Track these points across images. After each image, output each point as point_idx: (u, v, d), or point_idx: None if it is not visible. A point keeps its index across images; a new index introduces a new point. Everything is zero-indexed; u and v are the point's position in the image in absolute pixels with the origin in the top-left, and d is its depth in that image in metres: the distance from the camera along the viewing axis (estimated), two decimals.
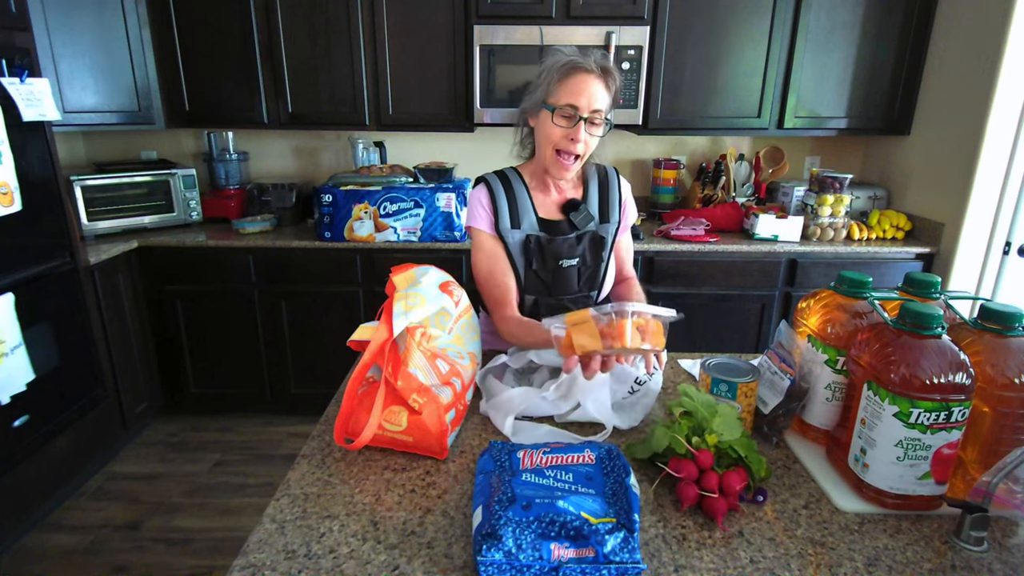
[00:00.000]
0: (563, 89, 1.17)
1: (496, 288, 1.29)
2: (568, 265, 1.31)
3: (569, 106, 1.17)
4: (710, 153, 3.09)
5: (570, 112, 1.18)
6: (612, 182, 1.37)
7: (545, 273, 1.30)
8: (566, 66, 1.17)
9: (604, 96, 1.19)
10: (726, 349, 2.55)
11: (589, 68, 1.17)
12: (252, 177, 3.10)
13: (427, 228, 2.55)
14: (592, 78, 1.17)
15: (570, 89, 1.17)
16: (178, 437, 2.73)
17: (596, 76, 1.17)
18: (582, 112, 1.17)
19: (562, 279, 1.32)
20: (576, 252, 1.31)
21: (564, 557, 0.70)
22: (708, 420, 0.93)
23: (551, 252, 1.29)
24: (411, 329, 1.00)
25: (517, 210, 1.29)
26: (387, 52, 2.60)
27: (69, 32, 2.37)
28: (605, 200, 1.36)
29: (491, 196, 1.30)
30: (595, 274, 1.35)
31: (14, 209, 1.90)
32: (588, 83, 1.16)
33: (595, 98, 1.17)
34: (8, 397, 1.92)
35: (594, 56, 1.18)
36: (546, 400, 1.08)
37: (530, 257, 1.29)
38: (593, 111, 1.18)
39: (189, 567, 1.96)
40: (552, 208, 1.34)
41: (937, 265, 2.56)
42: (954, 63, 2.47)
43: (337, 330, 2.69)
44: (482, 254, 1.31)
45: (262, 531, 0.81)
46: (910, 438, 0.82)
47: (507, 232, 1.29)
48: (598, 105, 1.18)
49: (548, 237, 1.30)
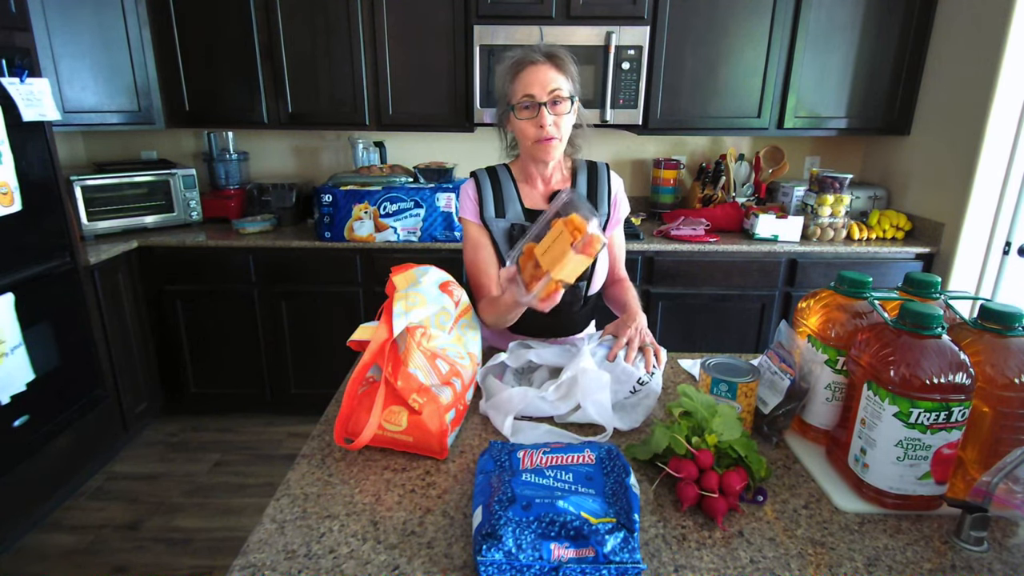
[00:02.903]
0: (518, 86, 1.21)
1: (477, 275, 1.35)
2: None
3: (526, 96, 1.20)
4: (710, 153, 3.10)
5: (528, 102, 1.21)
6: (602, 175, 1.39)
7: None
8: (513, 65, 1.22)
9: (557, 77, 1.21)
10: (726, 349, 2.55)
11: (534, 59, 1.21)
12: (252, 177, 3.10)
13: (427, 228, 2.55)
14: (539, 66, 1.20)
15: (523, 83, 1.20)
16: (178, 437, 2.73)
17: (542, 63, 1.20)
18: (539, 98, 1.20)
19: None
20: None
21: (564, 557, 0.70)
22: (708, 420, 0.93)
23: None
24: (411, 329, 1.00)
25: (502, 200, 1.33)
26: (387, 52, 2.60)
27: (69, 32, 2.37)
28: (594, 191, 1.37)
29: (477, 187, 1.35)
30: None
31: (14, 209, 1.90)
32: (536, 72, 1.20)
33: (548, 82, 1.19)
34: (8, 397, 1.92)
35: (539, 46, 1.23)
36: (546, 400, 1.08)
37: (514, 244, 1.30)
38: (551, 93, 1.20)
39: (189, 567, 1.96)
40: (539, 199, 1.36)
41: (937, 265, 2.56)
42: (954, 63, 2.47)
43: (337, 330, 2.69)
44: (468, 243, 1.37)
45: (262, 531, 0.81)
46: (910, 438, 0.82)
47: (491, 221, 1.32)
48: (553, 86, 1.20)
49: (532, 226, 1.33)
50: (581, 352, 1.10)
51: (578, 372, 1.06)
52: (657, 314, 2.66)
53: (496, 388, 1.12)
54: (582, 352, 1.10)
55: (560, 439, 1.02)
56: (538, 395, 1.08)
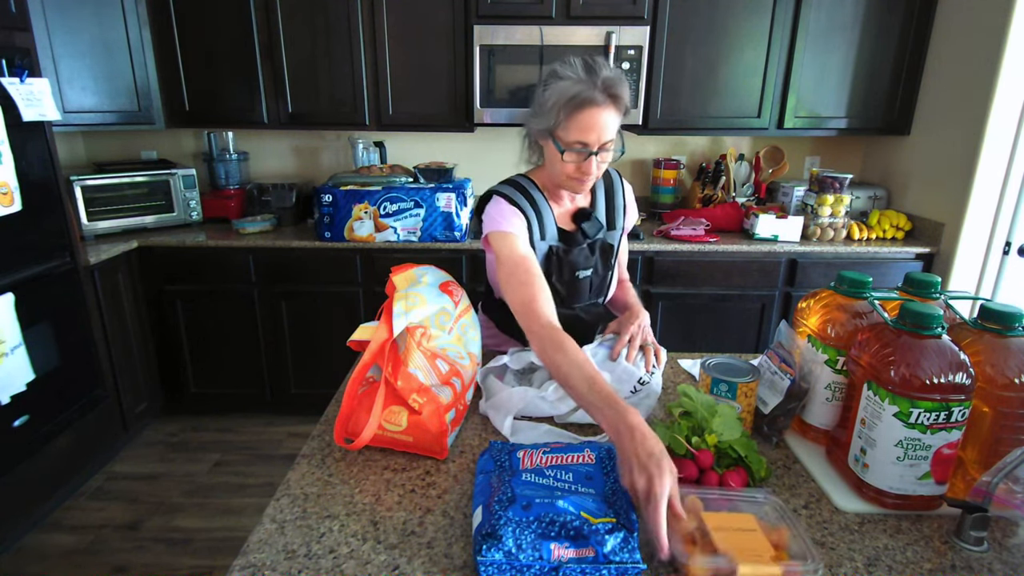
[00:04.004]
0: (572, 125, 1.11)
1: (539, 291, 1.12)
2: (584, 276, 1.31)
3: (578, 143, 1.12)
4: (710, 153, 3.09)
5: (580, 148, 1.13)
6: (617, 188, 1.36)
7: (562, 285, 1.30)
8: (575, 100, 1.09)
9: (615, 123, 1.13)
10: (726, 349, 2.55)
11: (598, 101, 1.09)
12: (252, 177, 3.10)
13: (427, 228, 2.55)
14: (601, 111, 1.10)
15: (580, 126, 1.11)
16: (178, 437, 2.72)
17: (605, 107, 1.10)
18: (592, 147, 1.13)
19: (576, 290, 1.32)
20: (591, 263, 1.31)
21: (564, 557, 0.70)
22: (708, 420, 0.93)
23: (568, 264, 1.28)
24: (411, 329, 1.00)
25: (543, 221, 1.25)
26: (387, 52, 2.60)
27: (69, 32, 2.37)
28: (612, 207, 1.34)
29: (524, 219, 1.23)
30: (603, 281, 1.36)
31: (14, 209, 1.90)
32: (598, 117, 1.10)
33: (605, 131, 1.12)
34: (8, 397, 1.91)
35: (602, 76, 1.09)
36: (545, 400, 1.08)
37: (550, 269, 1.27)
38: (604, 143, 1.13)
39: (189, 567, 1.96)
40: (566, 218, 1.31)
41: (937, 265, 2.56)
42: (954, 63, 2.47)
43: (337, 330, 2.69)
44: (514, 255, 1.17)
45: (262, 531, 0.81)
46: (910, 438, 0.82)
47: (537, 244, 1.24)
48: (608, 136, 1.13)
49: (566, 248, 1.28)
50: (592, 353, 1.11)
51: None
52: (657, 314, 2.66)
53: (496, 388, 1.12)
54: (595, 353, 1.11)
55: (560, 439, 1.02)
56: (538, 395, 1.08)
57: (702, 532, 0.75)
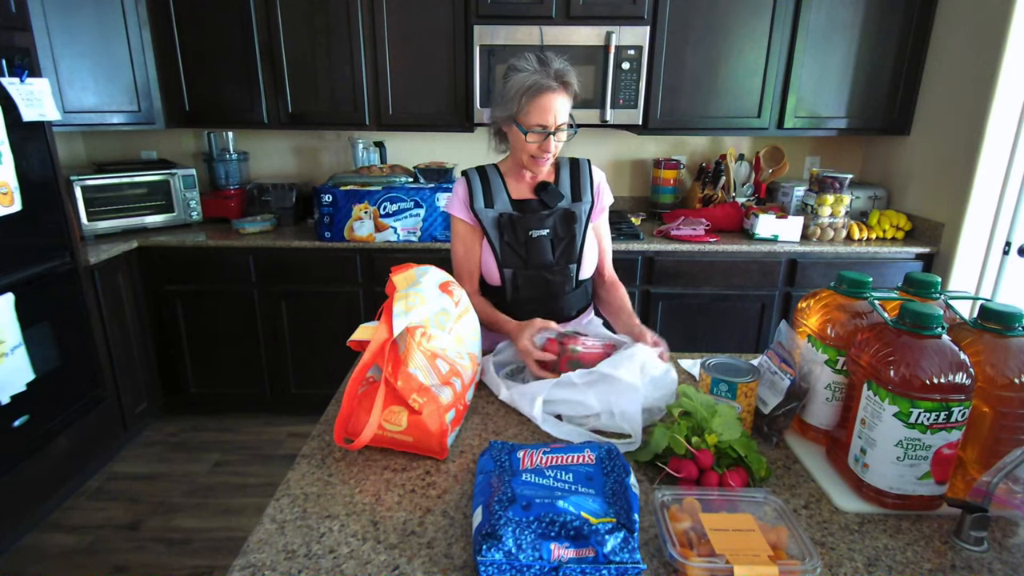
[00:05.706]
0: (531, 109, 1.28)
1: (460, 266, 1.46)
2: (538, 235, 1.41)
3: (538, 125, 1.29)
4: (710, 153, 3.09)
5: (540, 130, 1.30)
6: (583, 167, 1.48)
7: (518, 245, 1.41)
8: (533, 88, 1.27)
9: (567, 105, 1.31)
10: (726, 349, 2.55)
11: (552, 87, 1.27)
12: (252, 177, 3.10)
13: (427, 228, 2.55)
14: (555, 95, 1.28)
15: (538, 109, 1.28)
16: (178, 437, 2.72)
17: (558, 92, 1.28)
18: (550, 128, 1.30)
19: (535, 250, 1.41)
20: (546, 224, 1.42)
21: (564, 557, 0.70)
22: (708, 420, 0.93)
23: (521, 225, 1.41)
24: (411, 329, 1.00)
25: (491, 193, 1.43)
26: (387, 52, 2.60)
27: (69, 32, 2.37)
28: (576, 181, 1.46)
29: (467, 184, 1.44)
30: (571, 246, 1.43)
31: (14, 209, 1.90)
32: (553, 101, 1.28)
33: (560, 113, 1.29)
34: (8, 397, 1.92)
35: (554, 67, 1.28)
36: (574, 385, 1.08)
37: (502, 231, 1.41)
38: (559, 125, 1.30)
39: (189, 567, 1.96)
40: (525, 190, 1.46)
41: (937, 265, 2.56)
42: (954, 63, 2.47)
43: (337, 330, 2.69)
44: (455, 238, 1.46)
45: (262, 531, 0.81)
46: (910, 438, 0.82)
47: (482, 211, 1.41)
48: (563, 119, 1.31)
49: (520, 214, 1.42)
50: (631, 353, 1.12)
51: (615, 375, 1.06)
52: (657, 314, 2.66)
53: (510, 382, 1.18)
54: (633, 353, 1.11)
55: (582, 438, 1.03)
56: (566, 379, 1.09)
57: (699, 533, 0.77)
